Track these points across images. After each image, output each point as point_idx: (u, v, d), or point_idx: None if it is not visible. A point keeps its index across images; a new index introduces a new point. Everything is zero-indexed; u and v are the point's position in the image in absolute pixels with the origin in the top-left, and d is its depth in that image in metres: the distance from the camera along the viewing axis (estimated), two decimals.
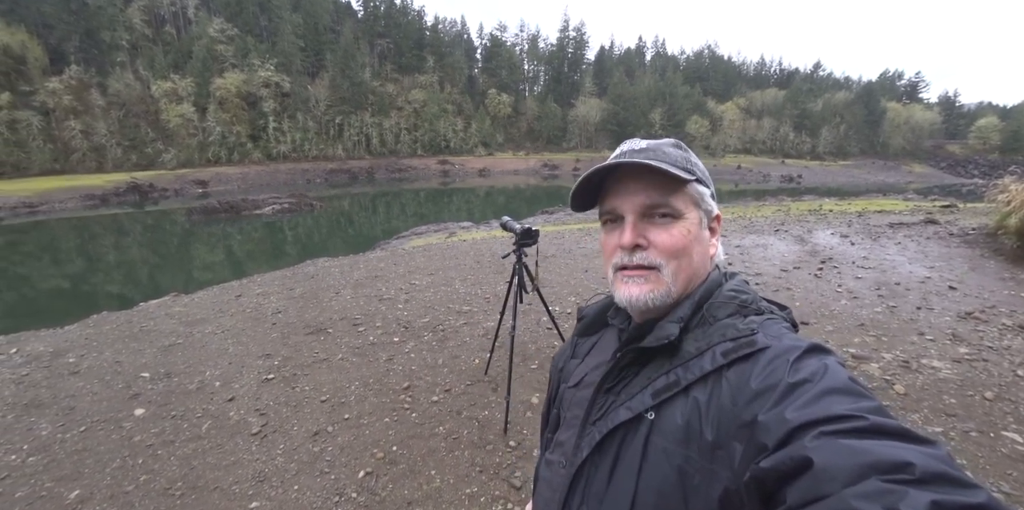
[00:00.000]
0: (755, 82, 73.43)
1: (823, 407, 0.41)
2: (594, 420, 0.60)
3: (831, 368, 0.46)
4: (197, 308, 5.10)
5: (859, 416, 0.40)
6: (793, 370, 0.46)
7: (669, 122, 56.73)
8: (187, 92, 39.58)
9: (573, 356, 0.76)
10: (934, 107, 66.96)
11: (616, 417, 0.56)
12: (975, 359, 3.29)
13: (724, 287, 0.60)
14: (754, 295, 0.59)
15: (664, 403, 0.53)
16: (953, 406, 2.72)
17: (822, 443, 0.38)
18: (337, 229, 17.56)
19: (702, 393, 0.51)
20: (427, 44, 56.81)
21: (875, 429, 0.39)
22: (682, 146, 0.65)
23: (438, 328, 4.13)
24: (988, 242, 6.82)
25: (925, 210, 11.39)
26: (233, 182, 34.46)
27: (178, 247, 14.35)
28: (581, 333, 0.77)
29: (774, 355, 0.49)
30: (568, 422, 0.68)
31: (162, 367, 3.54)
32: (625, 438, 0.55)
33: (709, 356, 0.52)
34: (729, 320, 0.55)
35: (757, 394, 0.46)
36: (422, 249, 8.38)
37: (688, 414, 0.51)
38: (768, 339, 0.51)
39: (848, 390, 0.43)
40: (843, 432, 0.39)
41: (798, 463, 0.38)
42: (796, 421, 0.41)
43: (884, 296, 4.70)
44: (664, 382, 0.54)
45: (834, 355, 0.49)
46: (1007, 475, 2.17)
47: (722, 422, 0.48)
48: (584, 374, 0.69)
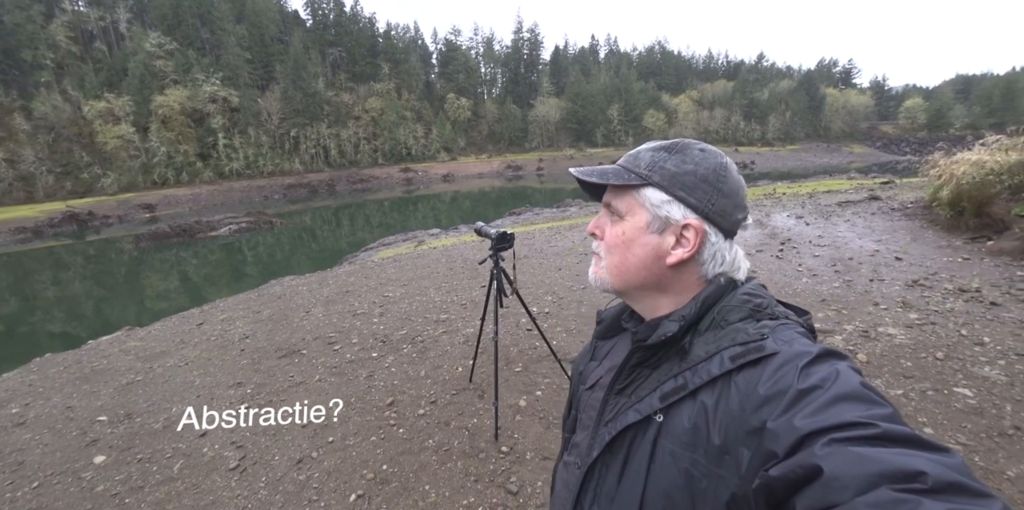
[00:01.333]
0: (705, 75, 76.49)
1: (833, 414, 0.41)
2: (606, 421, 0.61)
3: (842, 374, 0.45)
4: (155, 341, 4.80)
5: (870, 423, 0.39)
6: (803, 376, 0.45)
7: (627, 117, 58.23)
8: (125, 111, 37.30)
9: (592, 358, 0.77)
10: (867, 91, 72.10)
11: (625, 419, 0.57)
12: (924, 323, 3.53)
13: (738, 291, 0.59)
14: (769, 299, 0.59)
15: (672, 406, 0.54)
16: (910, 368, 2.91)
17: (832, 451, 0.38)
18: (300, 245, 16.99)
19: (710, 397, 0.51)
20: (381, 51, 55.85)
21: (887, 437, 0.38)
22: (671, 148, 0.62)
23: (417, 339, 4.05)
24: (925, 214, 7.36)
25: (868, 188, 12.17)
26: (184, 204, 32.77)
27: (127, 277, 13.49)
28: (600, 336, 0.78)
29: (783, 361, 0.48)
30: (583, 423, 0.69)
31: (121, 408, 3.30)
32: (634, 440, 0.56)
33: (717, 360, 0.52)
34: (741, 324, 0.55)
35: (766, 400, 0.46)
36: (392, 260, 8.23)
37: (695, 418, 0.51)
38: (778, 344, 0.50)
39: (860, 397, 0.43)
40: (854, 440, 0.38)
41: (808, 471, 0.38)
42: (806, 429, 0.40)
43: (840, 271, 4.97)
44: (672, 385, 0.54)
45: (847, 360, 0.48)
46: (962, 428, 2.34)
47: (730, 427, 0.48)
48: (599, 376, 0.70)
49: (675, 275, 0.61)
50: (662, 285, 0.62)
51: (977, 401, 2.53)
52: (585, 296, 4.79)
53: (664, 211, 0.60)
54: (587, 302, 4.59)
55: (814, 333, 0.58)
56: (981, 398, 2.56)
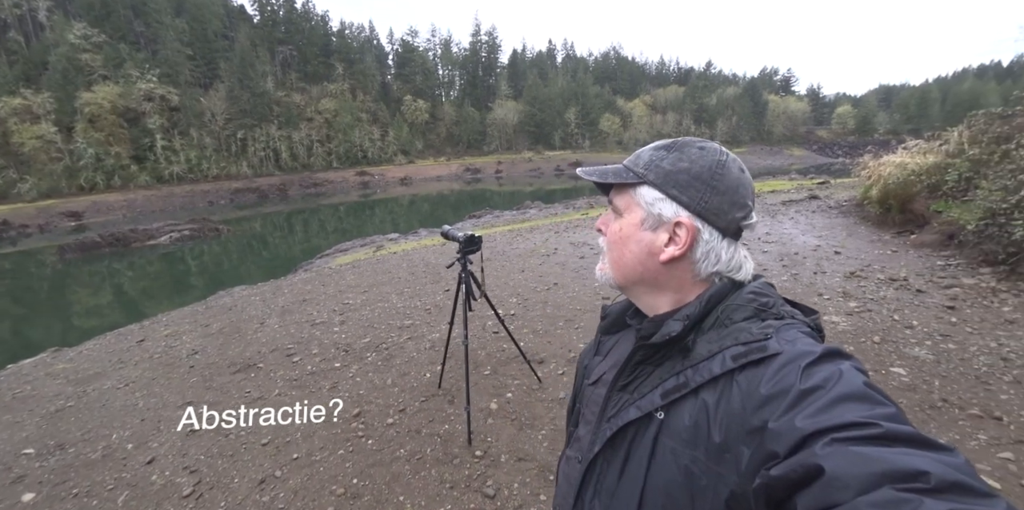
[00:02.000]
0: (658, 80, 79.74)
1: (836, 414, 0.41)
2: (608, 417, 0.61)
3: (845, 374, 0.45)
4: (88, 362, 4.38)
5: (873, 423, 0.39)
6: (805, 376, 0.45)
7: (584, 121, 59.62)
8: (45, 109, 33.89)
9: (597, 353, 0.77)
10: (804, 98, 77.87)
11: (627, 415, 0.57)
12: (862, 310, 3.84)
13: (744, 289, 0.59)
14: (775, 298, 0.58)
15: (673, 404, 0.54)
16: (852, 353, 3.12)
17: (834, 451, 0.37)
18: (250, 254, 16.12)
19: (711, 396, 0.51)
20: (334, 50, 54.09)
21: (889, 436, 0.38)
22: (670, 147, 0.62)
23: (381, 347, 3.93)
24: (858, 211, 8.03)
25: (807, 188, 13.10)
26: (116, 211, 30.23)
27: (51, 293, 12.24)
28: (604, 331, 0.78)
29: (786, 361, 0.48)
30: (586, 418, 0.70)
31: (51, 438, 2.98)
32: (636, 436, 0.57)
33: (719, 359, 0.52)
34: (745, 324, 0.55)
35: (767, 400, 0.46)
36: (350, 266, 7.96)
37: (696, 415, 0.51)
38: (781, 344, 0.50)
39: (863, 396, 0.42)
40: (856, 439, 0.38)
41: (809, 471, 0.38)
42: (807, 429, 0.40)
43: (787, 265, 5.31)
44: (674, 383, 0.55)
45: (852, 360, 0.48)
46: (899, 403, 2.53)
47: (731, 426, 0.48)
48: (603, 372, 0.70)
49: (669, 272, 0.61)
50: (658, 282, 0.63)
51: (910, 379, 2.78)
52: (550, 297, 4.84)
53: (657, 209, 0.60)
54: (552, 303, 4.64)
55: (821, 332, 0.57)
56: (913, 376, 2.81)
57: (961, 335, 3.28)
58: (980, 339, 3.20)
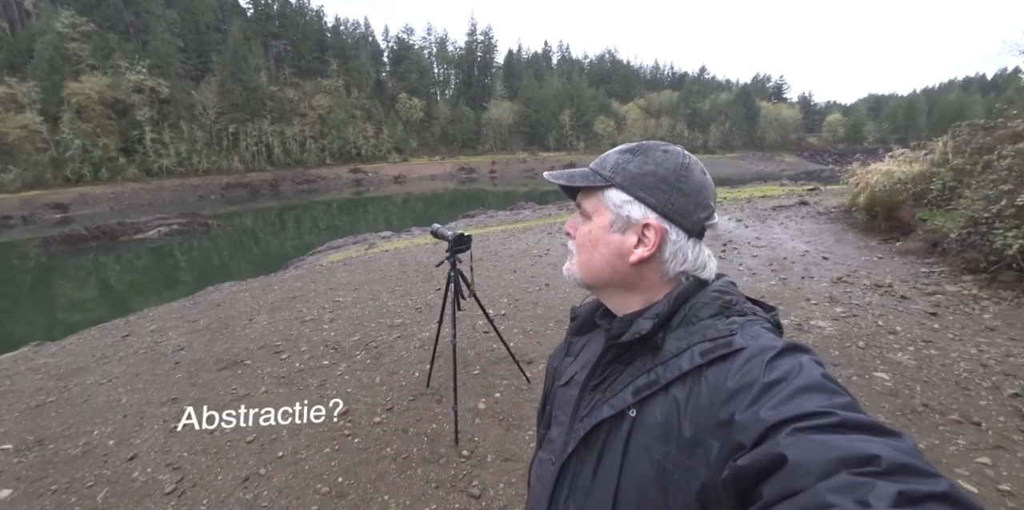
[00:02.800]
0: (652, 84, 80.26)
1: (797, 405, 0.43)
2: (581, 417, 0.62)
3: (805, 366, 0.47)
4: (70, 357, 4.30)
5: (830, 412, 0.41)
6: (768, 369, 0.47)
7: (578, 123, 59.82)
8: (30, 98, 33.19)
9: (567, 354, 0.77)
10: (795, 106, 78.93)
11: (600, 413, 0.58)
12: (848, 315, 3.90)
13: (709, 288, 0.61)
14: (738, 296, 0.61)
15: (645, 401, 0.55)
16: (837, 357, 3.19)
17: (795, 440, 0.39)
18: (240, 249, 15.92)
19: (681, 391, 0.53)
20: (329, 46, 53.66)
21: (845, 424, 0.40)
22: (635, 151, 0.64)
23: (370, 345, 3.91)
24: (846, 218, 8.15)
25: (797, 194, 13.29)
26: (103, 204, 29.72)
27: (34, 286, 11.97)
28: (574, 332, 0.79)
29: (750, 355, 0.50)
30: (558, 420, 0.70)
31: (30, 434, 2.92)
32: (609, 434, 0.57)
33: (688, 356, 0.54)
34: (710, 321, 0.57)
35: (734, 393, 0.48)
36: (341, 263, 7.90)
37: (667, 411, 0.53)
38: (745, 340, 0.52)
39: (821, 387, 0.45)
40: (815, 428, 0.40)
41: (773, 460, 0.39)
42: (771, 420, 0.42)
43: (776, 270, 5.38)
44: (645, 380, 0.56)
45: (810, 353, 0.50)
46: (881, 408, 2.60)
47: (700, 420, 0.49)
48: (574, 373, 0.71)
49: (638, 273, 0.63)
50: (628, 283, 0.64)
51: (893, 383, 2.83)
52: (541, 297, 4.85)
53: (626, 211, 0.61)
54: (543, 303, 4.65)
55: (780, 328, 0.60)
56: (896, 381, 2.86)
57: (943, 341, 3.35)
58: (961, 345, 3.26)
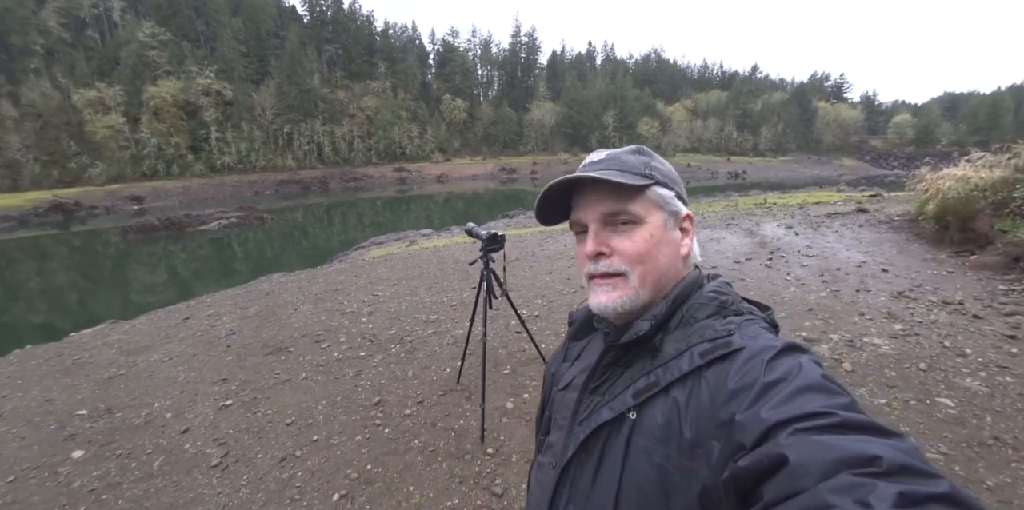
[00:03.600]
0: (699, 84, 77.44)
1: (797, 405, 0.42)
2: (580, 420, 0.62)
3: (805, 367, 0.47)
4: (139, 335, 4.71)
5: (831, 413, 0.41)
6: (768, 369, 0.47)
7: (621, 124, 58.66)
8: (115, 101, 36.74)
9: (565, 359, 0.77)
10: (857, 106, 73.50)
11: (600, 417, 0.58)
12: (908, 334, 3.59)
13: (705, 289, 0.61)
14: (734, 296, 0.61)
15: (645, 403, 0.55)
16: (893, 378, 2.95)
17: (796, 440, 0.39)
18: (291, 243, 16.81)
19: (681, 393, 0.52)
20: (378, 49, 55.71)
21: (846, 425, 0.40)
22: (643, 151, 0.65)
23: (405, 339, 4.03)
24: (911, 227, 7.51)
25: (856, 200, 12.39)
26: (173, 197, 32.30)
27: (113, 270, 13.22)
28: (572, 337, 0.79)
29: (750, 355, 0.50)
30: (557, 424, 0.70)
31: (102, 402, 3.23)
32: (609, 437, 0.57)
33: (687, 357, 0.54)
34: (708, 321, 0.57)
35: (734, 394, 0.47)
36: (383, 259, 8.18)
37: (668, 413, 0.52)
38: (744, 340, 0.52)
39: (821, 387, 0.44)
40: (816, 429, 0.39)
41: (774, 461, 0.39)
42: (771, 420, 0.42)
43: (827, 281, 5.05)
44: (645, 382, 0.56)
45: (809, 353, 0.50)
46: (944, 437, 2.38)
47: (701, 421, 0.49)
48: (573, 377, 0.70)
49: (684, 267, 0.65)
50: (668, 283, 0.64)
51: (958, 411, 2.58)
52: (575, 300, 4.80)
53: (673, 206, 0.63)
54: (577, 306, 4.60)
55: (776, 328, 0.60)
56: (962, 408, 2.60)
57: (1022, 367, 3.02)
58: None
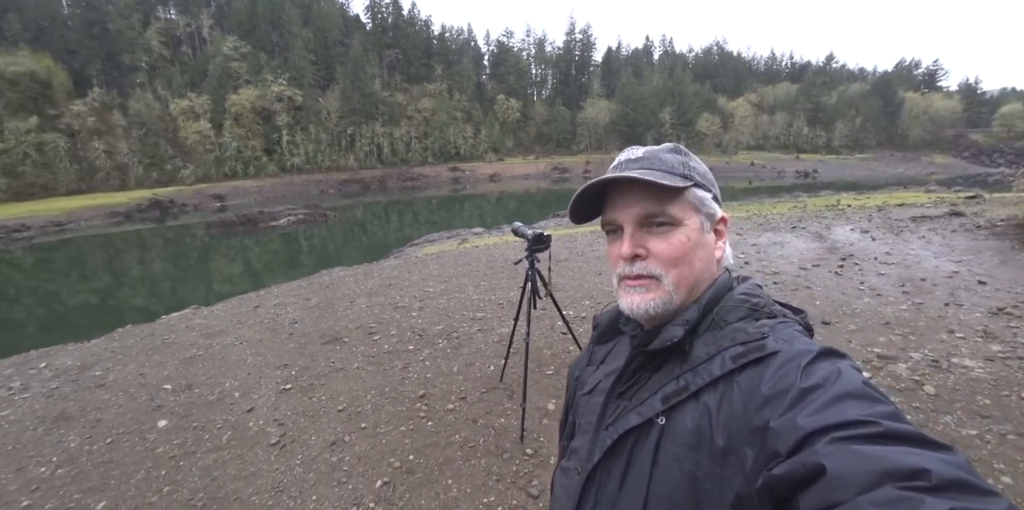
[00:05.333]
0: (766, 77, 72.33)
1: (836, 412, 0.40)
2: (607, 425, 0.61)
3: (844, 372, 0.45)
4: (216, 320, 5.21)
5: (873, 421, 0.39)
6: (805, 375, 0.45)
7: (679, 121, 56.23)
8: (203, 109, 40.84)
9: (589, 363, 0.76)
10: (954, 95, 64.97)
11: (627, 422, 0.57)
12: (1009, 357, 3.15)
13: (735, 291, 0.59)
14: (766, 299, 0.58)
15: (674, 408, 0.53)
16: (988, 407, 2.60)
17: (835, 449, 0.37)
18: (351, 238, 17.81)
19: (712, 398, 0.51)
20: (435, 53, 57.45)
21: (889, 435, 0.38)
22: (680, 150, 0.63)
23: (452, 335, 4.13)
24: (1018, 233, 6.56)
25: (949, 202, 11.03)
26: (250, 195, 35.28)
27: (198, 260, 14.72)
28: (596, 341, 0.78)
29: (785, 360, 0.48)
30: (582, 429, 0.69)
31: (183, 379, 3.61)
32: (636, 443, 0.56)
33: (719, 361, 0.52)
34: (740, 324, 0.55)
35: (768, 399, 0.46)
36: (435, 256, 8.43)
37: (698, 419, 0.51)
38: (779, 343, 0.50)
39: (862, 394, 0.42)
40: (857, 438, 0.38)
41: (811, 470, 0.37)
42: (809, 427, 0.40)
43: (909, 293, 4.54)
44: (674, 387, 0.54)
45: (848, 359, 0.48)
46: None
47: (733, 427, 0.47)
48: (598, 381, 0.69)
49: (716, 270, 0.63)
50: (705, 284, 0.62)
51: None
52: None
53: (709, 208, 0.61)
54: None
55: (811, 331, 0.57)
56: None
57: None
58: None
